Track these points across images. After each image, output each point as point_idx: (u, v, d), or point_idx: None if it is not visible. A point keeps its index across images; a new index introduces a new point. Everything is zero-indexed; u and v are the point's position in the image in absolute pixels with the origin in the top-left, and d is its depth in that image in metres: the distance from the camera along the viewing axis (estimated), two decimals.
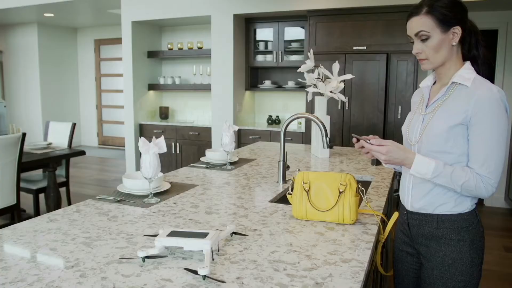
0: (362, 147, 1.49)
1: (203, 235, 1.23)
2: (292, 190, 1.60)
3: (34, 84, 8.88)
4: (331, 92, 2.97)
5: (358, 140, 1.49)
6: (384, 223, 1.63)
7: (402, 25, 4.50)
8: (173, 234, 1.25)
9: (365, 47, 4.74)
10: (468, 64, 1.45)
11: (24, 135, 3.46)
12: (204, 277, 1.10)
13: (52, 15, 7.75)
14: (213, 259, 1.21)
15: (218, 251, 1.28)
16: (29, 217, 4.26)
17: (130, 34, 6.02)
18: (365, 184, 2.30)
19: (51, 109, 9.01)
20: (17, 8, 7.03)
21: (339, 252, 1.28)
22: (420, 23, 1.41)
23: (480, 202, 4.97)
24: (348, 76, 3.02)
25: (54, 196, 4.07)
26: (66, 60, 9.32)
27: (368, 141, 1.45)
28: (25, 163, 3.63)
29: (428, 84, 1.57)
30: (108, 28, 8.93)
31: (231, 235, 1.40)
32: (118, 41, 8.38)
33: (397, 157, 1.42)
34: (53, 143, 4.54)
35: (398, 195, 1.68)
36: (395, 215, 1.60)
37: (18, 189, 3.50)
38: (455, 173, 1.37)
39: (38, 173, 4.59)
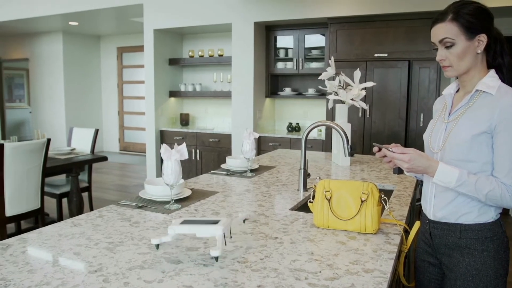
0: (384, 156, 1.48)
1: (215, 222, 1.25)
2: (313, 198, 1.59)
3: (59, 90, 9.09)
4: (352, 99, 2.96)
5: (379, 149, 1.48)
6: (406, 233, 1.61)
7: (424, 31, 4.48)
8: (185, 222, 1.28)
9: (386, 54, 4.70)
10: (492, 72, 1.43)
11: (49, 141, 3.53)
12: (216, 258, 1.16)
13: (76, 23, 7.93)
14: (225, 244, 1.23)
15: (231, 237, 1.29)
16: (52, 221, 4.34)
17: (152, 42, 6.11)
18: (387, 193, 2.26)
19: (75, 115, 9.20)
20: (43, 17, 7.24)
21: (361, 262, 1.27)
22: (445, 30, 1.40)
23: (505, 212, 4.85)
24: (370, 84, 3.00)
25: (77, 200, 4.13)
26: (90, 67, 9.51)
27: (390, 150, 1.44)
28: (49, 168, 3.70)
29: (451, 91, 1.54)
30: (131, 36, 9.09)
31: (244, 222, 1.42)
32: (140, 48, 8.53)
33: (420, 165, 1.40)
34: (76, 148, 4.62)
35: (421, 204, 1.66)
36: (417, 224, 1.58)
37: (42, 193, 3.57)
38: (480, 182, 1.35)
39: (61, 178, 4.68)
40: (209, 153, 5.92)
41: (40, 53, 9.31)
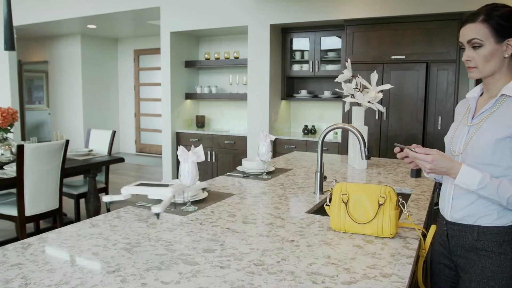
0: (405, 157, 1.46)
1: (167, 186, 1.32)
2: (330, 201, 1.58)
3: (77, 92, 9.23)
4: (369, 102, 2.93)
5: (401, 150, 1.47)
6: (424, 237, 1.59)
7: (442, 33, 4.42)
8: (140, 185, 1.34)
9: (403, 57, 4.65)
10: None
11: (67, 142, 3.58)
12: (158, 215, 1.25)
13: (94, 26, 8.05)
14: (175, 208, 1.31)
15: (190, 205, 1.34)
16: (70, 221, 4.40)
17: (169, 44, 6.16)
18: (404, 197, 2.24)
19: (92, 116, 9.32)
20: (62, 20, 7.36)
21: (378, 266, 1.26)
22: (474, 31, 1.38)
23: None
24: (387, 86, 2.97)
25: (94, 201, 4.19)
26: (107, 69, 9.64)
27: (413, 150, 1.42)
28: (68, 169, 3.75)
29: (475, 95, 1.53)
30: (147, 38, 9.18)
31: (203, 191, 1.48)
32: (156, 51, 8.60)
33: (443, 166, 1.38)
34: (94, 150, 4.68)
35: (438, 208, 1.64)
36: (433, 228, 1.56)
37: (61, 194, 3.62)
38: (502, 186, 1.33)
39: (79, 178, 4.74)
40: (225, 155, 5.94)
41: (59, 55, 9.47)
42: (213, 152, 5.99)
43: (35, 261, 1.27)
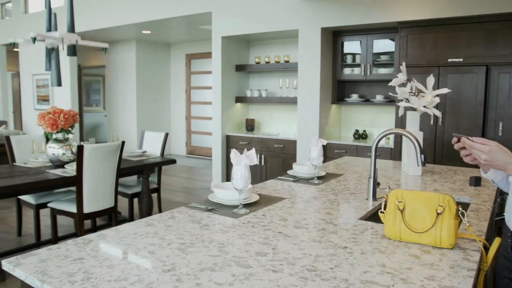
0: (462, 148, 1.40)
1: None
2: (385, 208, 1.54)
3: (131, 95, 9.58)
4: (424, 107, 2.84)
5: (458, 140, 1.41)
6: (486, 249, 1.51)
7: (504, 34, 4.21)
8: None
9: (461, 59, 4.46)
10: None
11: (123, 143, 3.72)
12: (34, 39, 1.23)
13: (149, 32, 8.33)
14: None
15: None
16: (124, 220, 4.57)
17: (220, 49, 6.26)
18: (463, 206, 2.14)
19: (145, 119, 9.64)
20: (119, 26, 7.69)
21: (437, 278, 1.21)
22: None
23: None
24: (444, 90, 2.86)
25: (147, 201, 4.32)
26: (160, 73, 9.94)
27: (471, 139, 1.37)
28: (122, 169, 3.89)
29: None
30: (199, 43, 9.39)
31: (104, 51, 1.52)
32: (208, 55, 8.78)
33: (500, 159, 1.31)
34: (147, 151, 4.83)
35: (501, 219, 1.55)
36: (497, 240, 1.47)
37: (116, 193, 3.76)
38: None
39: (133, 179, 4.91)
40: (274, 158, 5.94)
41: (115, 60, 9.88)
42: (262, 156, 6.01)
43: (96, 257, 1.32)
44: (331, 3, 5.21)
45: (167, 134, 4.84)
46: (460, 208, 1.46)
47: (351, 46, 5.65)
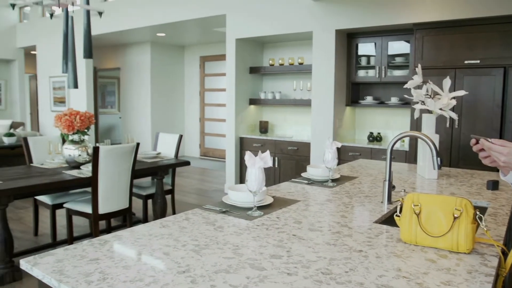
0: (481, 150, 1.39)
1: None
2: (400, 211, 1.53)
3: (145, 97, 9.66)
4: (440, 109, 2.81)
5: (477, 142, 1.39)
6: (504, 254, 1.48)
7: None
8: None
9: (478, 61, 4.40)
10: None
11: (138, 145, 3.75)
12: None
13: (163, 34, 8.40)
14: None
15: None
16: (138, 221, 4.60)
17: (234, 51, 6.28)
18: (481, 211, 2.11)
19: (159, 120, 9.72)
20: (134, 29, 7.78)
21: (454, 283, 1.19)
22: None
23: None
24: (461, 93, 2.83)
25: (161, 202, 4.34)
26: (174, 75, 10.01)
27: (489, 141, 1.35)
28: (137, 171, 3.93)
29: None
30: (213, 45, 9.43)
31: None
32: (222, 57, 8.81)
33: None
34: (161, 152, 4.87)
35: None
36: None
37: (131, 194, 3.80)
38: None
39: (147, 180, 4.95)
40: (288, 161, 5.93)
41: (130, 62, 9.98)
42: (276, 158, 6.01)
43: (111, 257, 1.33)
44: (345, 4, 5.19)
45: (181, 136, 4.87)
46: (477, 212, 1.43)
47: (366, 48, 5.62)
